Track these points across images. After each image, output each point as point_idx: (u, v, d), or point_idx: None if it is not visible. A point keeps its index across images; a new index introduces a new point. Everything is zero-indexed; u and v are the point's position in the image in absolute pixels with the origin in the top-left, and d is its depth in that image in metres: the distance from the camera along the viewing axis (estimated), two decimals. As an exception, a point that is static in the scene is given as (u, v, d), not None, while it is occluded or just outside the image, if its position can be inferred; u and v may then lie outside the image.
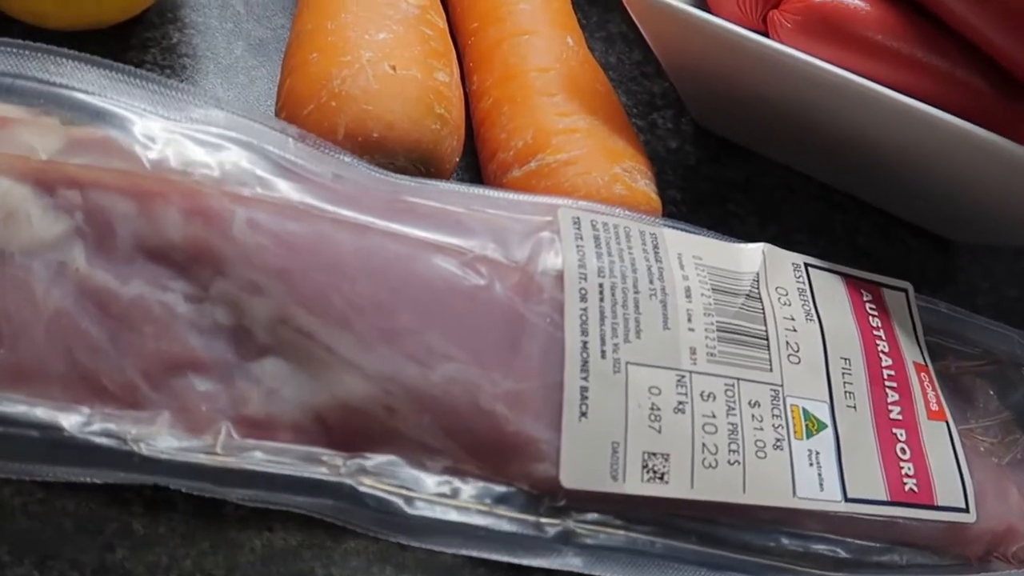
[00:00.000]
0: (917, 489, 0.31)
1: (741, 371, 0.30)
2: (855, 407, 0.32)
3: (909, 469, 0.32)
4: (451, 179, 0.38)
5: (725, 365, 0.30)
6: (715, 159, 0.44)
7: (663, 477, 0.28)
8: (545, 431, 0.28)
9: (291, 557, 0.29)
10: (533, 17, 0.38)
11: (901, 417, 0.33)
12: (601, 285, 0.30)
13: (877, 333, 0.34)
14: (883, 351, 0.34)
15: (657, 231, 0.32)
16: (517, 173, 0.34)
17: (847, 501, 0.30)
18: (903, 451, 0.32)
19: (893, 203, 0.44)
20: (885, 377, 0.33)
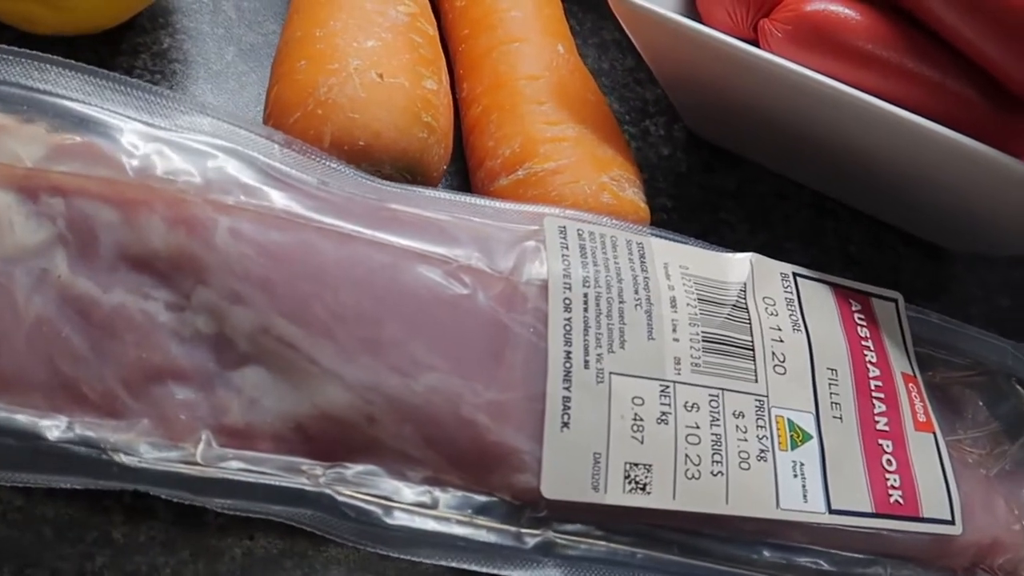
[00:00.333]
0: (903, 501, 0.31)
1: (726, 381, 0.30)
2: (841, 418, 0.32)
3: (895, 481, 0.32)
4: (440, 186, 0.38)
5: (710, 375, 0.30)
6: (707, 166, 0.44)
7: (645, 488, 0.28)
8: (527, 442, 0.28)
9: (272, 566, 0.29)
10: (524, 25, 0.38)
11: (888, 428, 0.33)
12: (586, 295, 0.29)
13: (865, 344, 0.34)
14: (871, 362, 0.34)
15: (644, 240, 0.32)
16: (504, 181, 0.34)
17: (831, 513, 0.30)
18: (889, 463, 0.32)
19: (886, 211, 0.44)
20: (872, 388, 0.33)
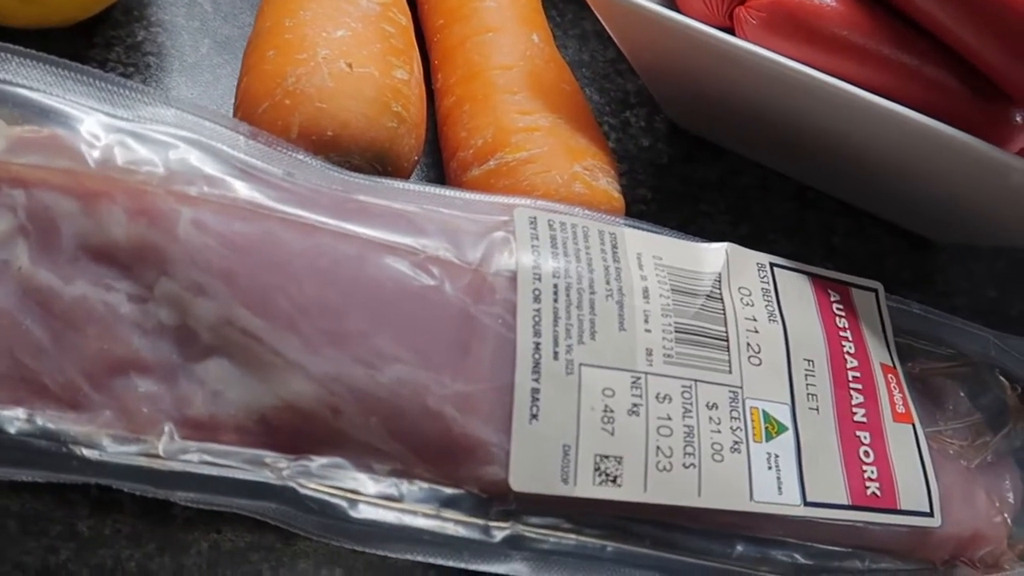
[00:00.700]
0: (880, 493, 0.31)
1: (699, 372, 0.30)
2: (818, 409, 0.31)
3: (872, 473, 0.31)
4: (413, 177, 0.37)
5: (682, 367, 0.30)
6: (688, 157, 0.43)
7: (615, 480, 0.28)
8: (495, 434, 0.27)
9: (238, 559, 0.29)
10: (499, 14, 0.38)
11: (866, 420, 0.32)
12: (556, 286, 0.29)
13: (843, 334, 0.34)
14: (849, 352, 0.33)
15: (616, 231, 0.31)
16: (476, 172, 0.34)
17: (806, 505, 0.30)
18: (866, 454, 0.31)
19: (870, 202, 0.43)
20: (850, 379, 0.33)
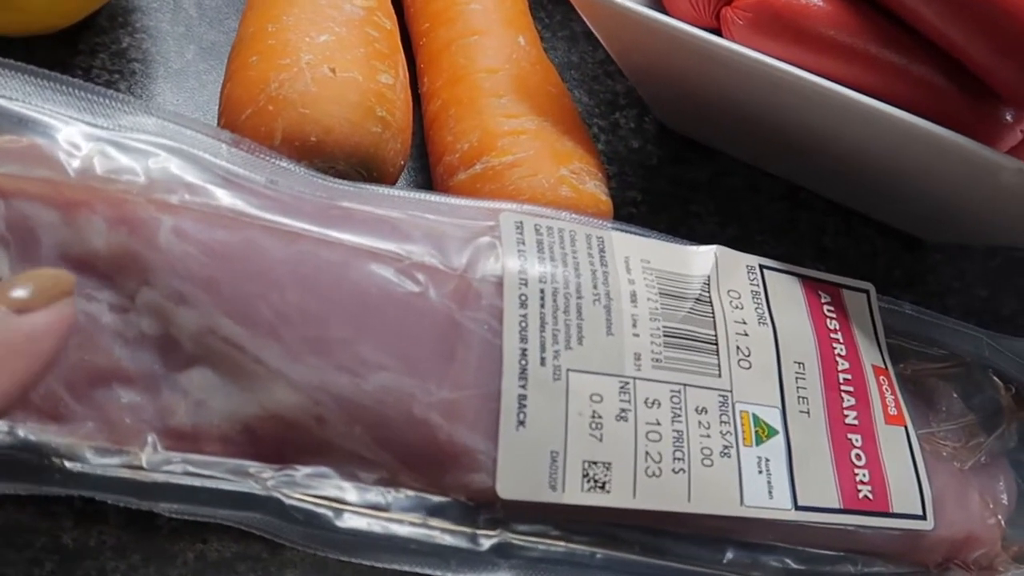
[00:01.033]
0: (872, 496, 0.31)
1: (688, 377, 0.30)
2: (808, 412, 0.31)
3: (864, 476, 0.31)
4: (400, 182, 0.37)
5: (671, 371, 0.29)
6: (678, 159, 0.43)
7: (604, 487, 0.27)
8: (482, 441, 0.27)
9: (225, 569, 0.28)
10: (484, 17, 0.38)
11: (857, 422, 0.32)
12: (542, 291, 0.29)
13: (834, 336, 0.33)
14: (840, 354, 0.33)
15: (604, 235, 0.31)
16: (463, 176, 0.34)
17: (797, 509, 0.29)
18: (858, 457, 0.31)
19: (860, 202, 0.43)
20: (841, 381, 0.32)
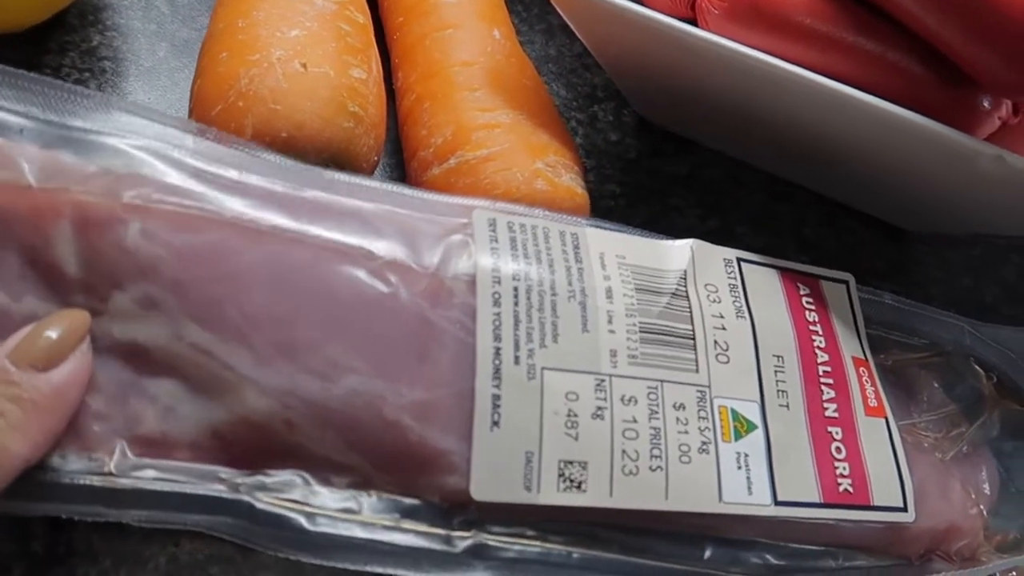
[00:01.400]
0: (852, 489, 0.30)
1: (665, 373, 0.29)
2: (788, 406, 0.31)
3: (844, 469, 0.31)
4: (375, 178, 0.37)
5: (648, 367, 0.29)
6: (657, 152, 0.43)
7: (580, 486, 0.27)
8: (456, 442, 0.27)
9: (198, 573, 0.28)
10: (459, 10, 0.37)
11: (837, 415, 0.32)
12: (516, 288, 0.28)
13: (813, 328, 0.33)
14: (819, 347, 0.33)
15: (579, 231, 0.31)
16: (437, 171, 0.33)
17: (777, 504, 0.29)
18: (838, 450, 0.31)
19: (842, 192, 0.43)
20: (821, 374, 0.32)
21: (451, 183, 0.33)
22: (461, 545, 0.27)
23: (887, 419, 0.32)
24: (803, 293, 0.34)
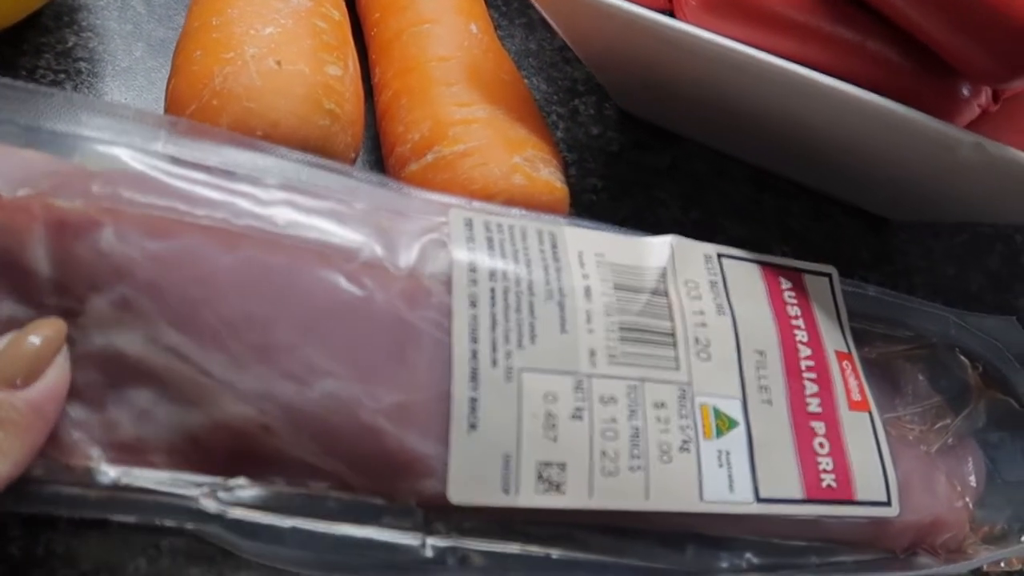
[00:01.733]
0: (835, 485, 0.30)
1: (645, 371, 0.29)
2: (770, 402, 0.31)
3: (827, 464, 0.31)
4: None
5: (628, 366, 0.29)
6: (639, 145, 0.42)
7: (559, 488, 0.27)
8: (433, 445, 0.26)
9: (179, 573, 0.28)
10: (436, 5, 0.37)
11: (820, 410, 0.31)
12: (493, 289, 0.28)
13: (796, 323, 0.33)
14: (802, 341, 0.33)
15: (556, 230, 0.31)
16: (414, 167, 0.33)
17: (759, 502, 0.29)
18: (821, 446, 0.31)
19: (825, 183, 0.42)
20: (803, 369, 0.32)
21: (429, 179, 0.32)
22: (439, 548, 0.26)
23: (871, 413, 0.32)
24: (785, 287, 0.34)
